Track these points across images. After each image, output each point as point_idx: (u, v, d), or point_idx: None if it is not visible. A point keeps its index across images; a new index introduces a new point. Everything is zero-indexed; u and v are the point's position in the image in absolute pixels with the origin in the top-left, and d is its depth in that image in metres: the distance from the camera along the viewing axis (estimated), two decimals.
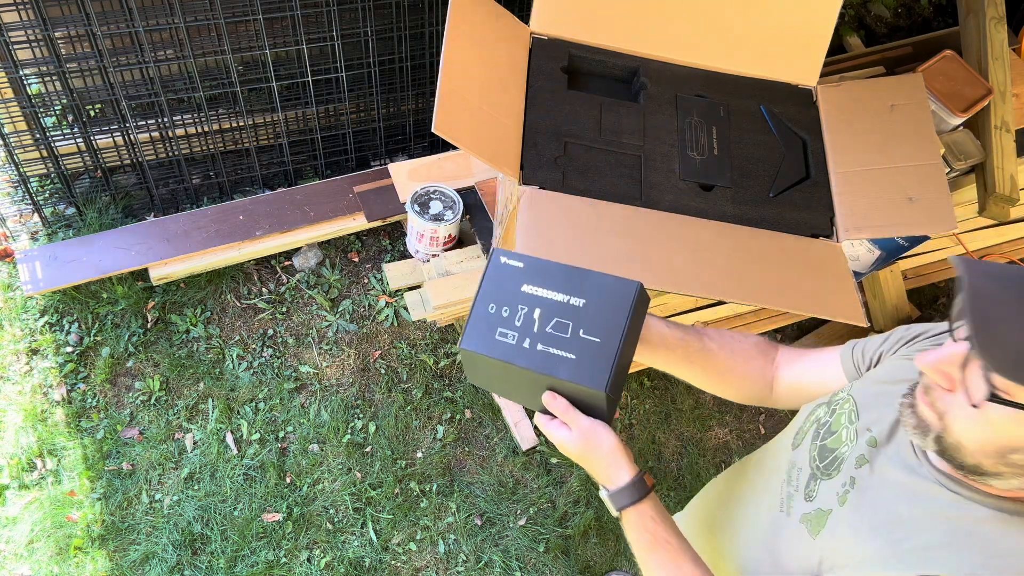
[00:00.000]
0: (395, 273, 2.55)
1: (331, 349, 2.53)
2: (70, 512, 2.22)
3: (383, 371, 2.52)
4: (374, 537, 2.29)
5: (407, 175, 2.58)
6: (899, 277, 2.70)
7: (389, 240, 2.73)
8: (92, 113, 2.59)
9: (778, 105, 2.01)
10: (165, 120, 2.47)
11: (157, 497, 2.27)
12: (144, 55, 2.27)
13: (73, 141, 2.46)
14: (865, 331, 2.58)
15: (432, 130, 1.60)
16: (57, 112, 2.56)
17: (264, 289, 2.60)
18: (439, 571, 2.28)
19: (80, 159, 2.53)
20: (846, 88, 2.06)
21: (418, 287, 2.53)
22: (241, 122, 2.61)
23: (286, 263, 2.64)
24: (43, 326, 2.43)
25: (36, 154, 2.44)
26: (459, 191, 2.50)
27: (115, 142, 2.52)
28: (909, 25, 3.42)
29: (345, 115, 2.68)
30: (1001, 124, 2.45)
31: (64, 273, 2.40)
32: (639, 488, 1.04)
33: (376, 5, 2.38)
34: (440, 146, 2.77)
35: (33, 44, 2.21)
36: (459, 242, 2.56)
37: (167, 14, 2.23)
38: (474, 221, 2.52)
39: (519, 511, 2.39)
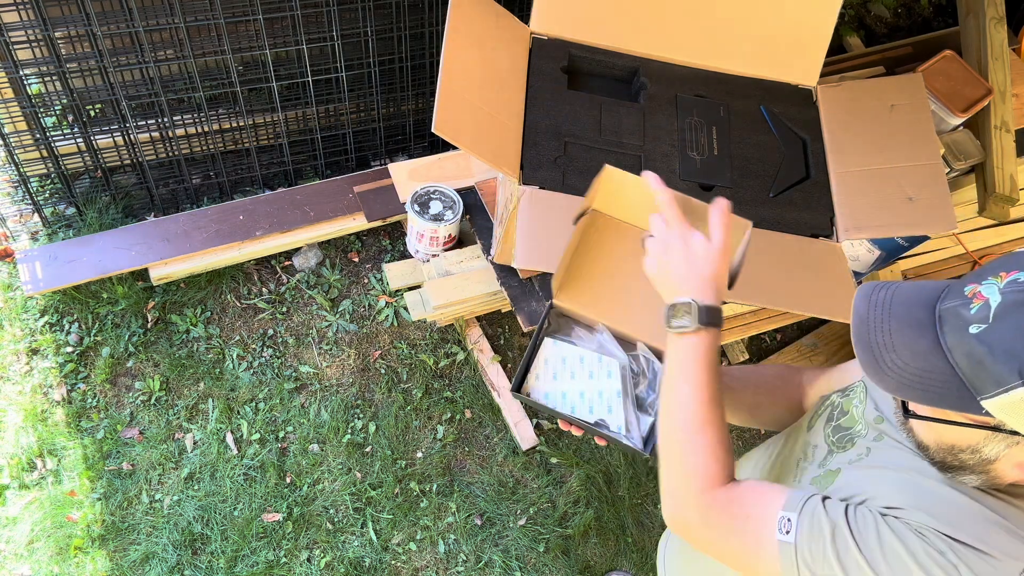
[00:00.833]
0: (395, 273, 2.56)
1: (331, 349, 2.53)
2: (70, 512, 2.22)
3: (383, 371, 2.52)
4: (374, 537, 2.29)
5: (407, 175, 2.58)
6: (899, 277, 2.70)
7: (389, 240, 2.73)
8: (92, 113, 2.59)
9: (778, 105, 2.01)
10: (165, 120, 2.47)
11: (157, 497, 2.27)
12: (144, 55, 2.27)
13: (73, 141, 2.46)
14: None
15: (432, 130, 1.60)
16: (57, 112, 2.56)
17: (264, 289, 2.60)
18: (439, 571, 2.29)
19: (80, 159, 2.53)
20: (846, 88, 2.06)
21: (418, 287, 2.53)
22: (241, 122, 2.61)
23: (286, 263, 2.64)
24: (43, 326, 2.44)
25: (36, 154, 2.44)
26: (459, 191, 2.50)
27: (115, 142, 2.52)
28: (909, 25, 3.42)
29: (345, 115, 2.68)
30: (1001, 124, 2.45)
31: (64, 273, 2.40)
32: (712, 315, 0.99)
33: (376, 5, 2.38)
34: (440, 146, 2.77)
35: (33, 44, 2.21)
36: (459, 242, 2.56)
37: (167, 14, 2.23)
38: (474, 221, 2.52)
39: (519, 511, 2.39)
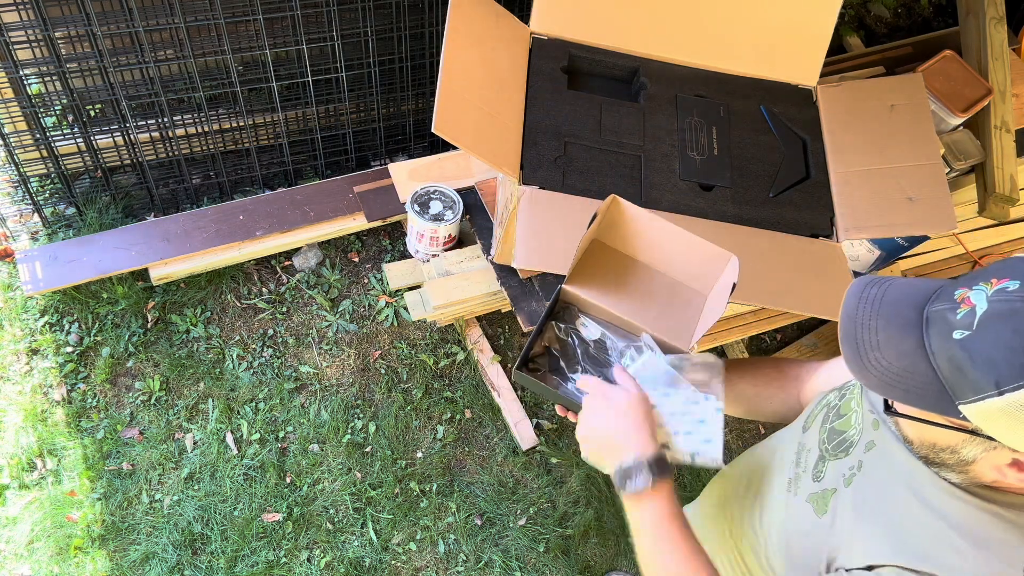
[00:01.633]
0: (395, 273, 2.56)
1: (331, 349, 2.53)
2: (70, 512, 2.22)
3: (383, 371, 2.52)
4: (374, 537, 2.29)
5: (407, 175, 2.58)
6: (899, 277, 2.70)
7: (389, 240, 2.73)
8: (92, 113, 2.59)
9: (778, 105, 2.01)
10: (165, 120, 2.47)
11: (157, 497, 2.27)
12: (144, 55, 2.27)
13: (73, 141, 2.46)
14: None
15: (432, 130, 1.60)
16: (57, 112, 2.56)
17: (264, 289, 2.60)
18: (439, 571, 2.28)
19: (80, 159, 2.53)
20: (846, 88, 2.06)
21: (418, 287, 2.53)
22: (241, 122, 2.61)
23: (286, 263, 2.64)
24: (43, 326, 2.43)
25: (36, 154, 2.44)
26: (459, 191, 2.50)
27: (115, 142, 2.52)
28: (909, 25, 3.42)
29: (345, 115, 2.68)
30: (1001, 124, 2.45)
31: (64, 273, 2.40)
32: (662, 466, 1.05)
33: (376, 5, 2.38)
34: (440, 146, 2.77)
35: (33, 44, 2.21)
36: (459, 242, 2.56)
37: (167, 14, 2.23)
38: (474, 221, 2.52)
39: (519, 511, 2.39)
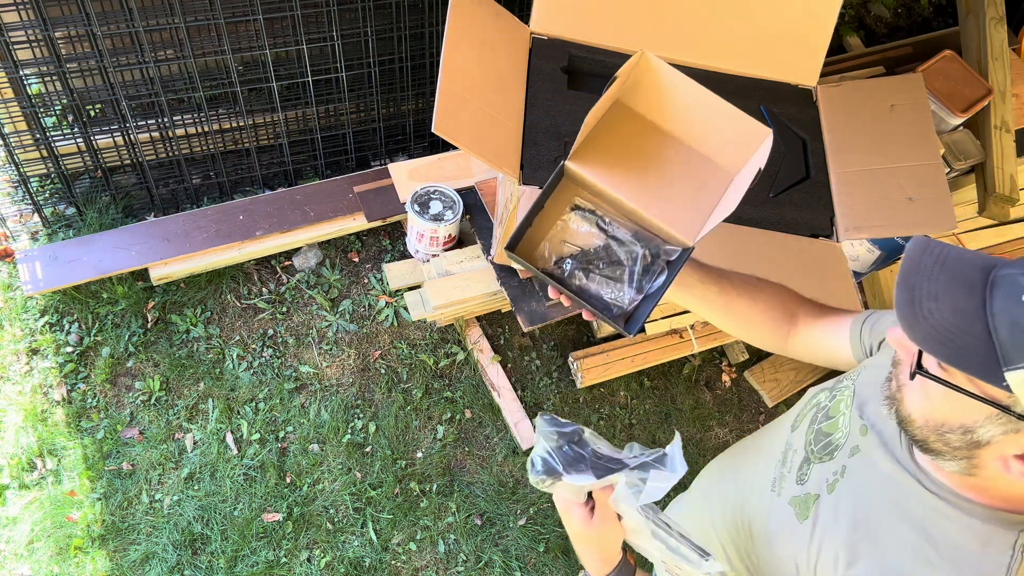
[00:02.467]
0: (395, 273, 2.56)
1: (331, 349, 2.53)
2: (70, 512, 2.22)
3: (383, 371, 2.52)
4: (374, 537, 2.29)
5: (407, 175, 2.58)
6: None
7: (389, 240, 2.73)
8: (92, 113, 2.59)
9: (778, 105, 2.01)
10: (165, 120, 2.47)
11: (157, 497, 2.27)
12: (144, 55, 2.27)
13: (73, 141, 2.46)
14: None
15: (432, 130, 1.60)
16: (57, 112, 2.56)
17: (264, 289, 2.60)
18: (439, 571, 2.28)
19: (80, 159, 2.53)
20: (846, 88, 2.06)
21: (418, 287, 2.53)
22: (241, 122, 2.61)
23: (286, 263, 2.64)
24: (43, 326, 2.43)
25: (36, 154, 2.44)
26: (459, 191, 2.50)
27: (115, 142, 2.52)
28: (909, 25, 3.42)
29: (345, 115, 2.68)
30: (1001, 124, 2.45)
31: (64, 273, 2.40)
32: (627, 569, 1.05)
33: (376, 5, 2.38)
34: (440, 146, 2.77)
35: (33, 44, 2.21)
36: (459, 242, 2.56)
37: (167, 14, 2.23)
38: (474, 221, 2.52)
39: (519, 511, 2.39)
